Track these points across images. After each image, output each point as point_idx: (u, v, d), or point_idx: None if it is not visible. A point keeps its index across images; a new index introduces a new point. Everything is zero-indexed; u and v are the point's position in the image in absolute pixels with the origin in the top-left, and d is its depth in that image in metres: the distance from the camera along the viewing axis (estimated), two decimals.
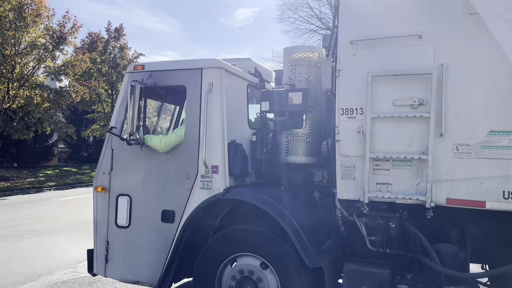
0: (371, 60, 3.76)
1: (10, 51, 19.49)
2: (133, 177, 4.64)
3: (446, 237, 3.90)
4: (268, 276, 4.09)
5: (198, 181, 4.30)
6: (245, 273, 4.17)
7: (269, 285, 4.08)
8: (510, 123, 3.38)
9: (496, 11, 3.42)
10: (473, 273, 3.73)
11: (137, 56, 28.95)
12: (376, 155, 3.76)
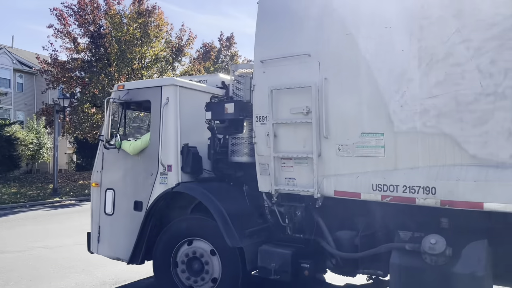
0: (275, 76, 4.53)
1: (137, 65, 21.59)
2: (116, 174, 5.82)
3: (345, 224, 4.53)
4: (214, 261, 5.01)
5: (158, 178, 5.34)
6: (196, 254, 5.12)
7: (213, 268, 4.99)
8: (376, 126, 3.97)
9: (363, 31, 4.04)
10: (356, 253, 4.31)
11: (247, 62, 30.88)
12: (281, 155, 4.51)
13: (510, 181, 3.37)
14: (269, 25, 4.68)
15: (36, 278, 6.60)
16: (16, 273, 6.80)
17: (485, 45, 3.46)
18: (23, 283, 6.37)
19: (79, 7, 21.86)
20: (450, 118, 3.61)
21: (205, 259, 5.05)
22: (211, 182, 5.35)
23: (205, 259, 5.06)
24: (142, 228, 5.36)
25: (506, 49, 3.37)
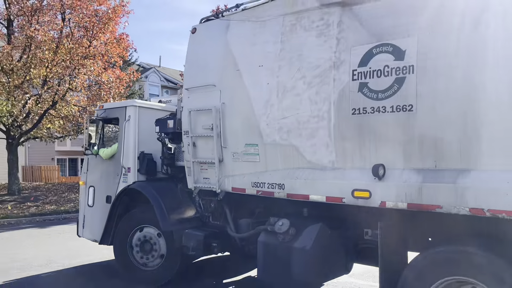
0: (194, 100, 6.00)
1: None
2: (96, 175, 7.51)
3: (243, 213, 5.90)
4: (161, 241, 6.54)
5: (122, 177, 6.96)
6: (147, 237, 6.68)
7: (160, 247, 6.54)
8: (253, 139, 5.33)
9: (246, 69, 5.44)
10: (243, 234, 5.65)
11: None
12: (198, 160, 5.98)
13: (328, 179, 4.63)
14: (192, 63, 6.19)
15: None
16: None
17: (313, 80, 4.75)
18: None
19: None
20: (295, 133, 4.91)
21: (154, 241, 6.60)
22: (161, 181, 6.89)
23: (154, 240, 6.61)
24: (109, 216, 6.98)
25: (324, 84, 4.65)
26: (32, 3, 16.92)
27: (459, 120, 3.75)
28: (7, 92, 15.82)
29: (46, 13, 17.11)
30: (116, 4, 18.02)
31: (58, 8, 17.06)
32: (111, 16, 17.47)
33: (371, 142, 4.30)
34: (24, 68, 15.94)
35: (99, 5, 17.68)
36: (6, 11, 17.14)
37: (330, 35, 4.66)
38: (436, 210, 3.83)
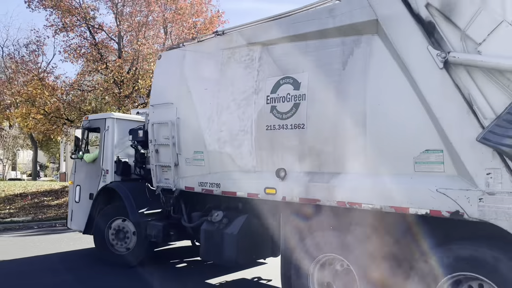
0: (157, 115, 7.37)
1: None
2: (82, 175, 8.90)
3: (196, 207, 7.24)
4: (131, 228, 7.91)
5: (102, 178, 8.34)
6: (121, 227, 8.05)
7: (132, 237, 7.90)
8: (199, 147, 6.67)
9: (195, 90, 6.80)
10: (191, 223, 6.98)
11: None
12: (160, 164, 7.33)
13: (250, 180, 5.94)
14: (157, 84, 7.59)
15: None
16: None
17: (241, 102, 6.09)
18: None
19: None
20: (228, 143, 6.24)
21: (126, 230, 7.97)
22: (132, 181, 8.26)
23: (127, 229, 7.97)
24: (91, 210, 8.36)
25: (248, 105, 5.98)
26: (139, 20, 18.23)
27: (332, 137, 5.06)
28: (118, 102, 17.11)
29: (151, 28, 18.48)
30: (213, 15, 19.09)
31: (161, 23, 18.35)
32: (208, 27, 18.31)
33: (278, 151, 5.63)
34: (133, 80, 17.20)
35: (197, 17, 18.78)
36: (117, 28, 18.55)
37: (253, 67, 6.00)
38: (317, 203, 5.14)
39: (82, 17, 17.99)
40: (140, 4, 18.24)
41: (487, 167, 3.90)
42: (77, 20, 18.22)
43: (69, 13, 17.75)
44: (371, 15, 4.69)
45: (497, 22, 3.89)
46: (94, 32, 18.88)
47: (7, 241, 10.64)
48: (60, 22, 18.20)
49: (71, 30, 18.29)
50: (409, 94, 4.40)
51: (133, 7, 18.41)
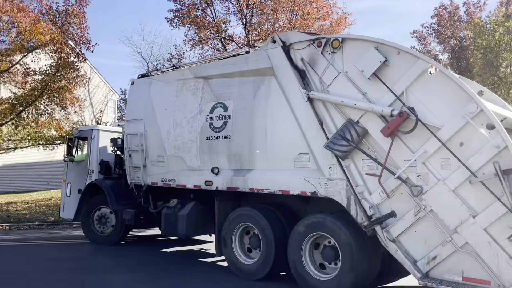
0: (131, 128, 9.65)
1: (504, 73, 19.81)
2: (72, 175, 11.14)
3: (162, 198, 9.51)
4: (112, 217, 10.18)
5: (88, 176, 10.60)
6: (103, 214, 10.31)
7: (112, 220, 10.15)
8: (161, 152, 8.96)
9: (158, 109, 9.11)
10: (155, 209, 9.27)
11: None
12: (133, 165, 9.62)
13: (195, 176, 8.24)
14: (130, 104, 9.89)
15: None
16: None
17: (189, 120, 8.39)
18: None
19: (438, 24, 24.73)
20: (181, 149, 8.55)
21: (107, 216, 10.22)
22: (113, 179, 10.50)
23: (107, 216, 10.22)
24: (79, 202, 10.60)
25: (194, 122, 8.30)
26: (266, 28, 19.18)
27: (248, 144, 7.41)
28: None
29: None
30: (339, 17, 19.26)
31: (287, 29, 18.45)
32: (335, 29, 18.60)
33: (214, 155, 7.95)
34: None
35: (324, 20, 19.05)
36: (246, 38, 19.55)
37: (198, 95, 8.34)
38: (237, 190, 7.48)
39: (215, 30, 19.51)
40: (267, 13, 19.10)
41: (329, 164, 6.28)
42: (211, 34, 19.87)
43: (204, 28, 19.50)
44: (269, 64, 7.07)
45: (337, 73, 6.29)
46: (225, 43, 20.24)
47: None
48: (197, 36, 20.05)
49: (206, 43, 20.06)
50: (290, 117, 6.77)
51: (261, 16, 19.35)
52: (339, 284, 6.08)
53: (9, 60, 17.26)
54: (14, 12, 15.48)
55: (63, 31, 16.93)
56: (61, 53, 16.85)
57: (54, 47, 16.61)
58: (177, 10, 19.98)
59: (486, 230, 5.00)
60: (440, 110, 5.38)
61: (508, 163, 4.86)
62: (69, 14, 17.05)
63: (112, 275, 7.80)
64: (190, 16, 19.32)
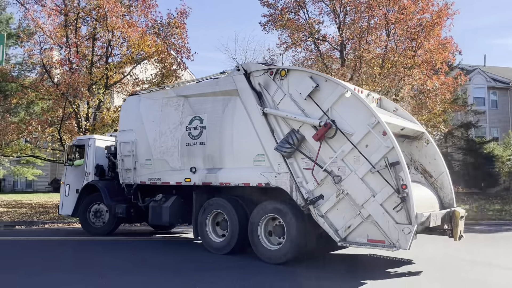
0: (123, 136, 11.65)
1: None
2: (70, 177, 13.05)
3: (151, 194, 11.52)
4: (106, 212, 12.12)
5: (85, 178, 12.54)
6: (97, 209, 12.26)
7: (105, 214, 12.10)
8: (148, 157, 10.99)
9: (147, 121, 11.17)
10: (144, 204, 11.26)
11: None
12: (125, 167, 11.62)
13: (177, 174, 10.27)
14: (123, 117, 11.90)
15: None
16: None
17: (172, 130, 10.44)
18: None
19: None
20: (166, 154, 10.58)
21: (102, 211, 12.16)
22: (107, 180, 12.47)
23: (102, 211, 12.17)
24: (77, 199, 12.52)
25: (176, 132, 10.39)
26: (361, 26, 18.90)
27: (218, 149, 9.52)
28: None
29: (372, 32, 18.78)
30: (440, 8, 18.32)
31: (383, 26, 18.61)
32: (436, 21, 17.86)
33: (192, 157, 10.03)
34: (356, 86, 17.96)
35: (423, 13, 18.29)
36: (340, 37, 19.44)
37: (179, 110, 10.43)
38: (210, 184, 9.57)
39: (308, 32, 19.71)
40: (362, 11, 18.78)
41: (278, 161, 8.42)
42: (304, 36, 20.00)
43: (297, 30, 19.68)
44: (234, 87, 9.22)
45: (284, 94, 8.49)
46: (318, 44, 20.34)
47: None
48: (290, 39, 20.20)
49: (299, 45, 20.16)
50: (250, 127, 8.89)
51: (355, 14, 19.10)
52: (283, 252, 8.19)
53: (121, 72, 19.03)
54: (125, 28, 17.31)
55: (166, 42, 18.51)
56: (164, 62, 18.43)
57: (159, 57, 18.25)
58: (270, 15, 20.39)
59: (381, 205, 7.18)
60: (352, 122, 7.60)
61: (394, 158, 7.09)
62: (171, 26, 18.72)
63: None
64: (283, 19, 19.65)
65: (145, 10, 19.26)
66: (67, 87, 16.95)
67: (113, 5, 17.26)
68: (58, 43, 18.74)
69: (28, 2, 19.42)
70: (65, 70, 18.28)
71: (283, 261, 8.16)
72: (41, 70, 19.86)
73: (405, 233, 6.90)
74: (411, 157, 9.18)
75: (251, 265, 8.29)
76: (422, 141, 9.17)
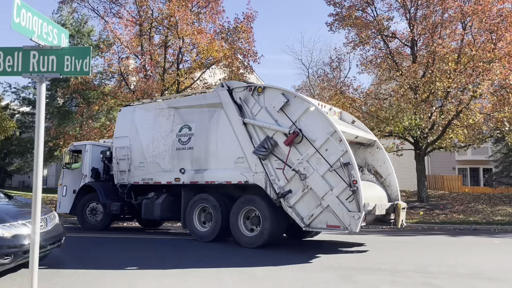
0: (119, 142, 13.23)
1: None
2: (68, 179, 14.51)
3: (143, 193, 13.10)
4: (101, 208, 13.62)
5: (82, 179, 14.03)
6: (93, 207, 13.75)
7: (101, 211, 13.59)
8: (142, 160, 12.61)
9: (140, 128, 12.79)
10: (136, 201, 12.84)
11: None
12: (120, 169, 13.18)
13: (168, 175, 11.94)
14: (119, 125, 13.51)
15: None
16: None
17: (164, 136, 12.13)
18: None
19: None
20: (158, 157, 12.22)
21: (98, 208, 13.67)
22: (102, 181, 13.98)
23: (98, 208, 13.67)
24: (75, 199, 13.98)
25: (167, 138, 12.05)
26: (433, 20, 18.25)
27: (204, 153, 11.23)
28: (414, 106, 17.14)
29: (446, 26, 18.01)
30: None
31: (458, 18, 17.73)
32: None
33: (181, 160, 11.70)
34: (429, 83, 16.95)
35: (503, 3, 17.16)
36: (410, 33, 18.90)
37: (170, 119, 12.11)
38: (197, 183, 11.26)
39: (377, 29, 19.17)
40: (434, 4, 18.05)
41: (255, 163, 10.18)
42: (372, 33, 19.49)
43: (365, 28, 19.24)
44: (219, 100, 10.97)
45: (260, 107, 10.29)
46: (387, 41, 19.75)
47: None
48: (357, 37, 19.75)
49: (367, 43, 19.61)
50: (232, 134, 10.63)
51: (427, 8, 18.40)
52: (258, 238, 9.91)
53: (191, 77, 19.89)
54: (195, 35, 18.06)
55: (233, 46, 19.04)
56: (231, 66, 19.07)
57: (226, 62, 18.82)
58: (336, 14, 20.17)
59: (337, 197, 8.99)
60: (315, 130, 9.44)
61: (347, 159, 8.94)
62: (238, 30, 19.23)
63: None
64: (350, 17, 19.32)
65: (213, 16, 19.98)
66: (142, 93, 18.23)
67: (183, 13, 18.12)
68: (134, 52, 20.06)
69: (107, 15, 21.01)
70: (140, 77, 19.60)
71: (259, 245, 9.87)
72: (119, 78, 21.37)
73: (355, 219, 8.72)
74: (365, 161, 11.08)
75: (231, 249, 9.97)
76: (374, 148, 11.08)
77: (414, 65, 17.90)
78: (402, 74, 17.60)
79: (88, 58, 5.02)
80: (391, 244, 11.15)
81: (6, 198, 7.67)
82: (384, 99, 19.41)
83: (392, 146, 19.91)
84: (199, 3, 19.92)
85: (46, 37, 5.04)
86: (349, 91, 19.92)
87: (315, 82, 30.16)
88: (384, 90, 20.08)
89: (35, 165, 4.90)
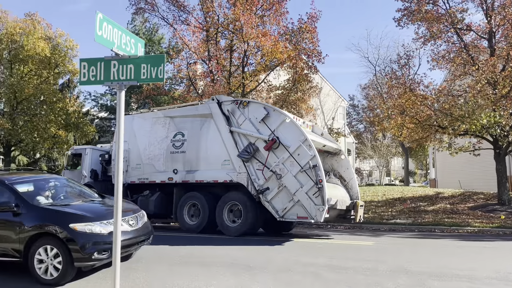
0: None
1: None
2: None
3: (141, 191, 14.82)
4: None
5: (82, 179, 15.69)
6: None
7: None
8: (138, 161, 14.38)
9: (138, 134, 14.58)
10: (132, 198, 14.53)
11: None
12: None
13: (162, 174, 13.73)
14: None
15: None
16: None
17: (159, 141, 13.95)
18: None
19: None
20: (153, 159, 13.98)
21: None
22: (100, 181, 15.65)
23: None
24: None
25: (163, 143, 13.87)
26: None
27: (195, 156, 13.09)
28: (493, 103, 15.73)
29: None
30: None
31: None
32: None
33: (175, 162, 13.52)
34: (509, 77, 15.66)
35: None
36: (487, 24, 17.41)
37: (166, 127, 13.95)
38: (188, 182, 13.09)
39: (449, 22, 17.74)
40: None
41: (239, 165, 12.08)
42: (444, 27, 18.13)
43: (436, 21, 17.77)
44: (209, 111, 12.88)
45: (245, 118, 12.26)
46: (461, 35, 18.34)
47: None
48: (428, 32, 18.32)
49: (439, 37, 18.19)
50: (220, 140, 12.52)
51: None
52: (240, 228, 11.78)
53: (255, 80, 20.32)
54: (259, 38, 18.27)
55: (297, 47, 18.92)
56: (296, 67, 19.06)
57: (290, 63, 18.89)
58: (405, 9, 18.84)
59: (306, 193, 10.94)
60: (290, 138, 11.42)
61: (315, 162, 10.91)
62: (302, 31, 19.10)
63: None
64: (420, 11, 18.00)
65: (277, 18, 20.12)
66: (210, 96, 18.91)
67: (248, 17, 18.41)
68: (201, 57, 20.86)
69: (176, 22, 21.94)
70: (208, 81, 20.38)
71: (240, 234, 11.71)
72: (187, 83, 22.28)
73: (320, 211, 10.67)
74: (332, 167, 13.11)
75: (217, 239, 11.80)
76: (339, 156, 13.13)
77: (493, 58, 16.45)
78: (479, 68, 16.27)
79: (162, 65, 5.27)
80: (470, 249, 10.42)
81: (100, 197, 8.22)
82: (459, 96, 17.93)
83: (468, 145, 18.16)
84: (263, 6, 20.16)
85: (124, 47, 5.32)
86: (420, 88, 18.40)
87: (382, 80, 30.42)
88: (459, 86, 18.73)
89: (116, 166, 5.20)
